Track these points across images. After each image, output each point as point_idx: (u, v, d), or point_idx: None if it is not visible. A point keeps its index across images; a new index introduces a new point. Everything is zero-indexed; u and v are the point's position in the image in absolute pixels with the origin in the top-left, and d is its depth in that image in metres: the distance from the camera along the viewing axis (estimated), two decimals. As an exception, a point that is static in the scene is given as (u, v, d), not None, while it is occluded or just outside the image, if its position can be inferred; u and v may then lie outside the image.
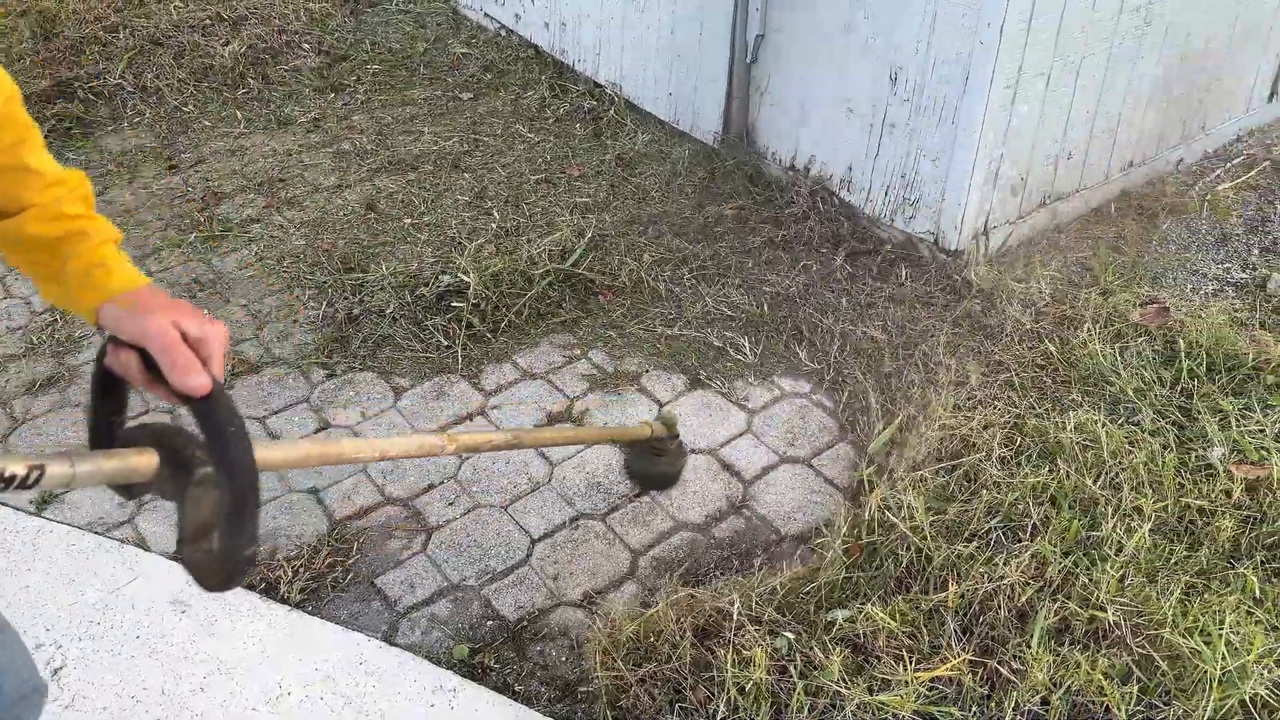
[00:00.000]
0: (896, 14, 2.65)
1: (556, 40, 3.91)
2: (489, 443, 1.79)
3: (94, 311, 0.99)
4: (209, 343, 0.97)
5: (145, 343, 0.95)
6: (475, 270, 2.77)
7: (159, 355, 0.95)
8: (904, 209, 2.87)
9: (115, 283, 1.00)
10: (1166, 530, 2.09)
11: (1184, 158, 3.42)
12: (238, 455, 0.97)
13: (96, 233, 1.03)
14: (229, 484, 0.98)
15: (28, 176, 0.98)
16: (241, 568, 1.01)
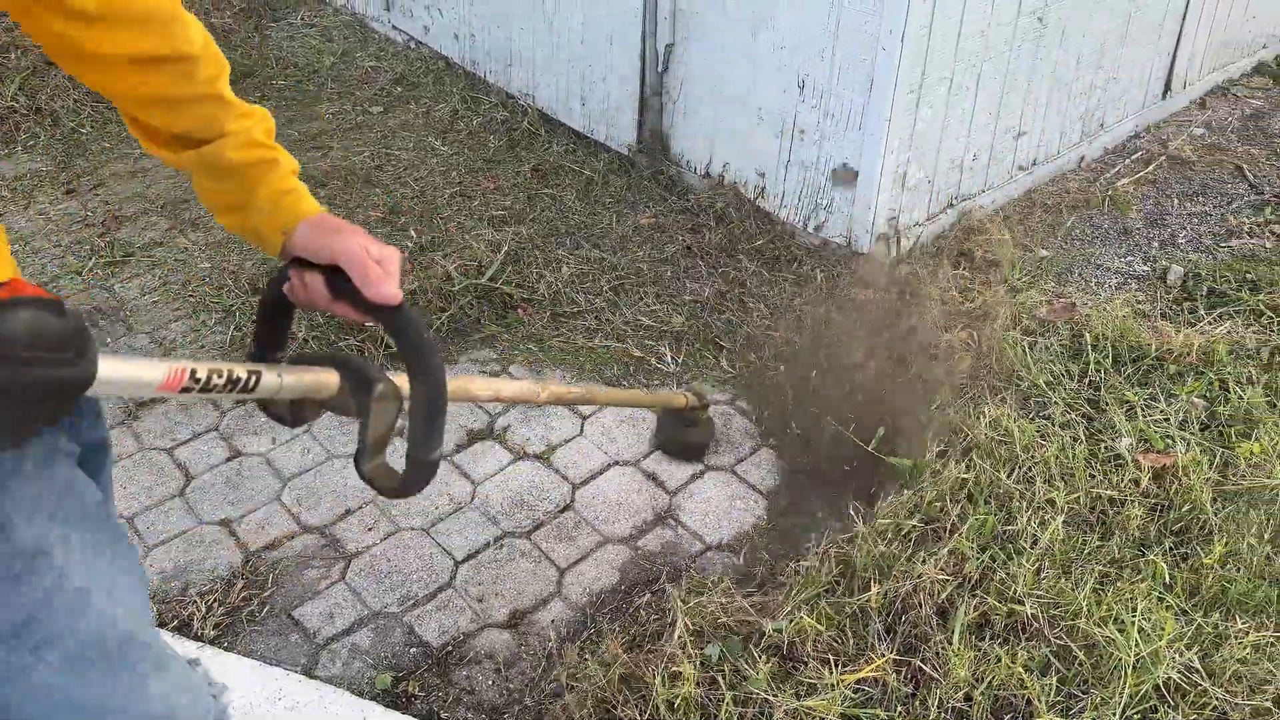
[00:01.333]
0: (802, 21, 2.68)
1: (467, 52, 3.88)
2: (569, 395, 1.87)
3: (286, 233, 1.06)
4: (390, 261, 1.03)
5: (339, 259, 1.01)
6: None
7: (354, 269, 1.01)
8: (816, 213, 2.90)
9: (304, 207, 1.07)
10: (1079, 521, 2.14)
11: (1085, 155, 3.52)
12: (433, 359, 1.05)
13: (285, 162, 1.09)
14: (425, 386, 1.06)
15: (225, 106, 1.04)
16: (433, 469, 1.09)
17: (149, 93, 1.00)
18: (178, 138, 1.06)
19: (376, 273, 1.01)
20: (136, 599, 0.98)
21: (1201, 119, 3.87)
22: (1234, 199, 3.43)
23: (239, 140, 1.06)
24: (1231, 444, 2.34)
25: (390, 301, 1.02)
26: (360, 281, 1.01)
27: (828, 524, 2.23)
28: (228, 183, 1.08)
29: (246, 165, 1.06)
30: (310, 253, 1.05)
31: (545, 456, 2.41)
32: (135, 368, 0.86)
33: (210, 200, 1.11)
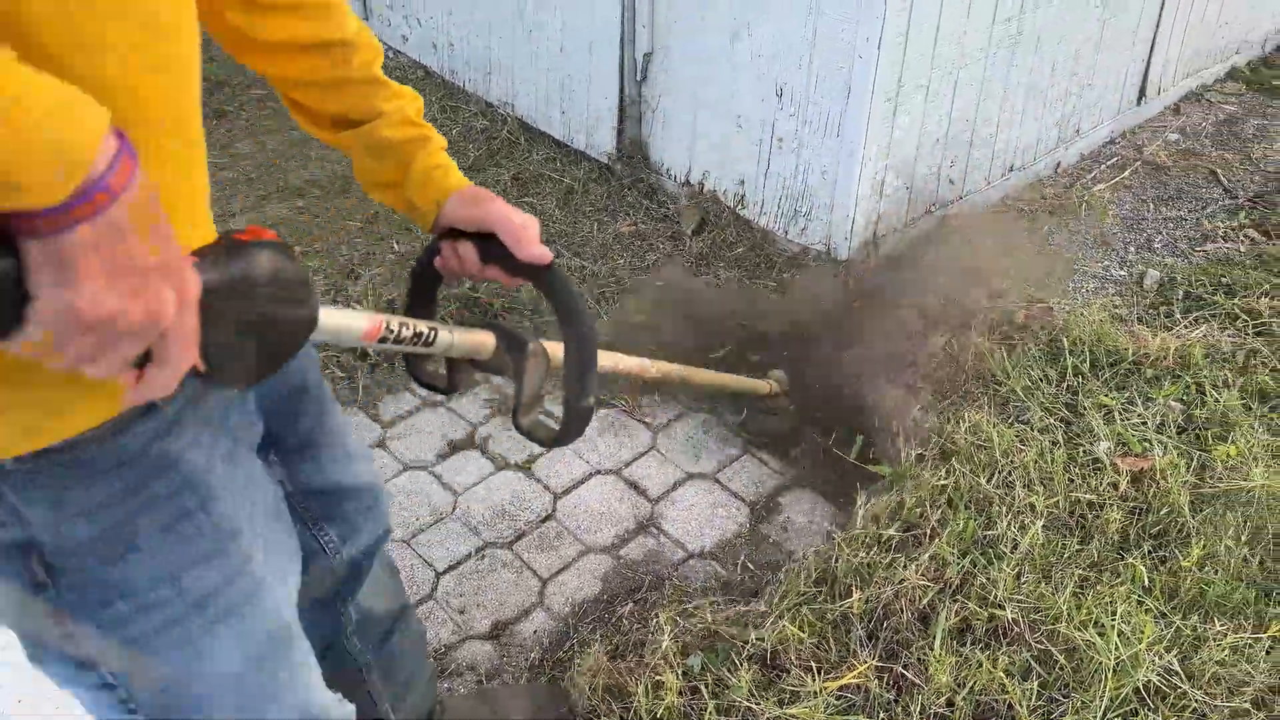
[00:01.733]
0: (780, 30, 2.69)
1: (446, 61, 3.87)
2: (672, 373, 1.94)
3: (437, 205, 1.13)
4: (534, 226, 1.10)
5: (490, 225, 1.09)
6: (369, 299, 2.71)
7: (507, 234, 1.08)
8: (796, 221, 2.91)
9: (454, 180, 1.14)
10: (1058, 525, 2.15)
11: (1061, 161, 3.55)
12: (584, 313, 1.14)
13: (435, 139, 1.16)
14: (578, 338, 1.14)
15: (379, 87, 1.11)
16: (588, 415, 1.18)
17: (310, 76, 1.08)
18: (336, 119, 1.12)
19: (528, 236, 1.08)
20: (294, 596, 1.05)
21: (1176, 124, 3.91)
22: (1209, 203, 3.46)
23: (393, 120, 1.12)
24: (1208, 447, 2.36)
25: (542, 261, 1.09)
26: (513, 245, 1.08)
27: (809, 530, 2.24)
28: (385, 160, 1.14)
29: (402, 143, 1.13)
30: (462, 222, 1.12)
31: (526, 466, 2.41)
32: (347, 317, 0.95)
33: (367, 178, 1.17)
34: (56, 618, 0.86)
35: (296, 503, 1.20)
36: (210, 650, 0.93)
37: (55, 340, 0.64)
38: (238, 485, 0.94)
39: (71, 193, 0.60)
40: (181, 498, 0.88)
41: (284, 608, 1.01)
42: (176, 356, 0.72)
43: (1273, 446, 2.37)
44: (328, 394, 1.21)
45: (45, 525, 0.82)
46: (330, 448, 1.22)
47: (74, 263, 0.62)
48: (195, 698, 0.95)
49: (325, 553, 1.27)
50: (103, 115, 0.62)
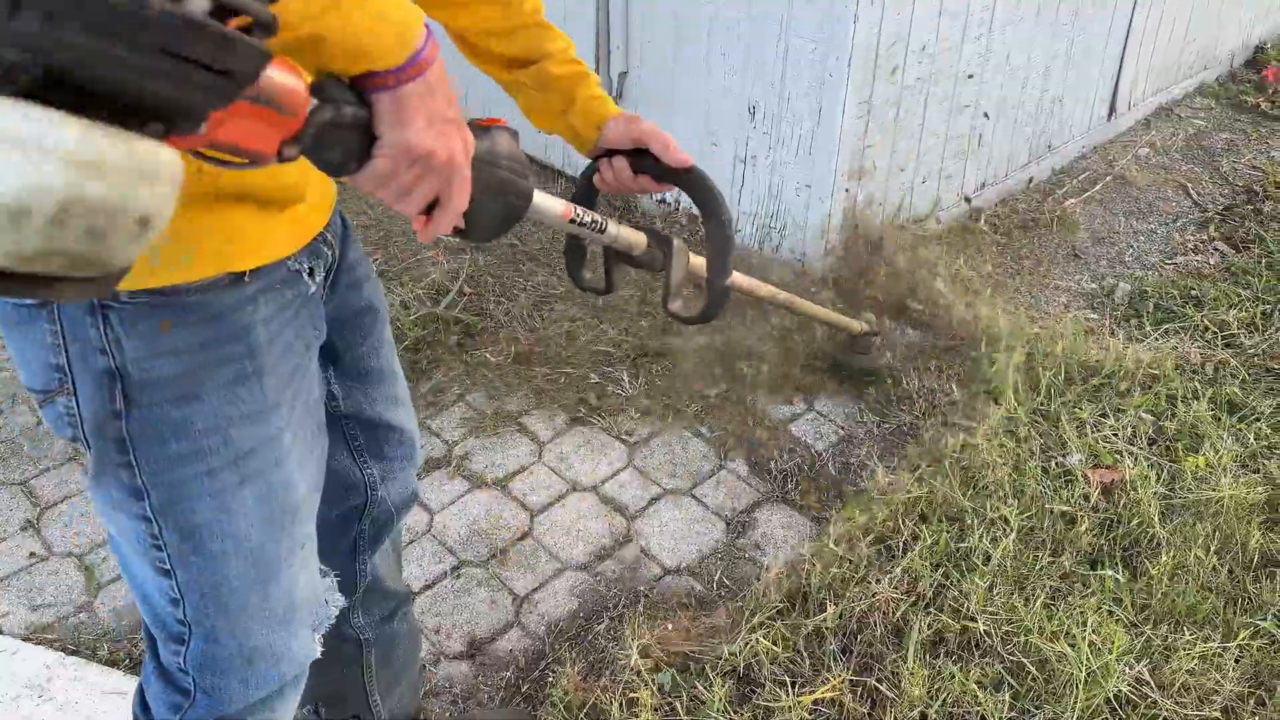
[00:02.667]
0: (751, 49, 2.72)
1: (423, 81, 3.89)
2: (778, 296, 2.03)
3: (599, 129, 1.30)
4: (673, 140, 1.28)
5: (644, 140, 1.28)
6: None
7: (656, 144, 1.27)
8: (770, 237, 2.94)
9: (611, 108, 1.31)
10: (1031, 537, 2.17)
11: (1033, 176, 3.59)
12: (724, 205, 1.31)
13: (591, 75, 1.32)
14: (718, 226, 1.32)
15: (545, 30, 1.28)
16: (727, 293, 1.35)
17: (487, 25, 1.26)
18: (511, 60, 1.29)
19: (674, 145, 1.27)
20: (315, 486, 1.16)
21: (1146, 139, 3.96)
22: (1179, 217, 3.51)
23: (558, 59, 1.29)
24: (1178, 458, 2.39)
25: (685, 164, 1.28)
26: (661, 153, 1.27)
27: (784, 545, 2.25)
28: (552, 94, 1.30)
29: (567, 77, 1.29)
30: (621, 141, 1.29)
31: (503, 484, 2.41)
32: (549, 200, 1.17)
33: (535, 107, 1.32)
34: (121, 445, 1.00)
35: (347, 428, 1.33)
36: (235, 506, 1.05)
37: (390, 169, 0.87)
38: (287, 369, 1.07)
39: (405, 59, 0.84)
40: (244, 362, 1.02)
41: (299, 487, 1.11)
42: (458, 200, 0.93)
43: (1242, 457, 2.40)
44: (387, 335, 1.34)
45: (136, 358, 0.96)
46: (382, 384, 1.34)
47: (407, 109, 0.86)
48: (212, 553, 1.06)
49: (365, 486, 1.38)
50: (418, 7, 0.85)
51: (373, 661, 1.56)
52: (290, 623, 1.16)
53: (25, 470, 2.41)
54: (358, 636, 1.53)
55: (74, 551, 2.21)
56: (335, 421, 1.31)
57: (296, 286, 1.09)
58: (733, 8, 2.71)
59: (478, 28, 1.27)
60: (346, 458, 1.35)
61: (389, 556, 1.53)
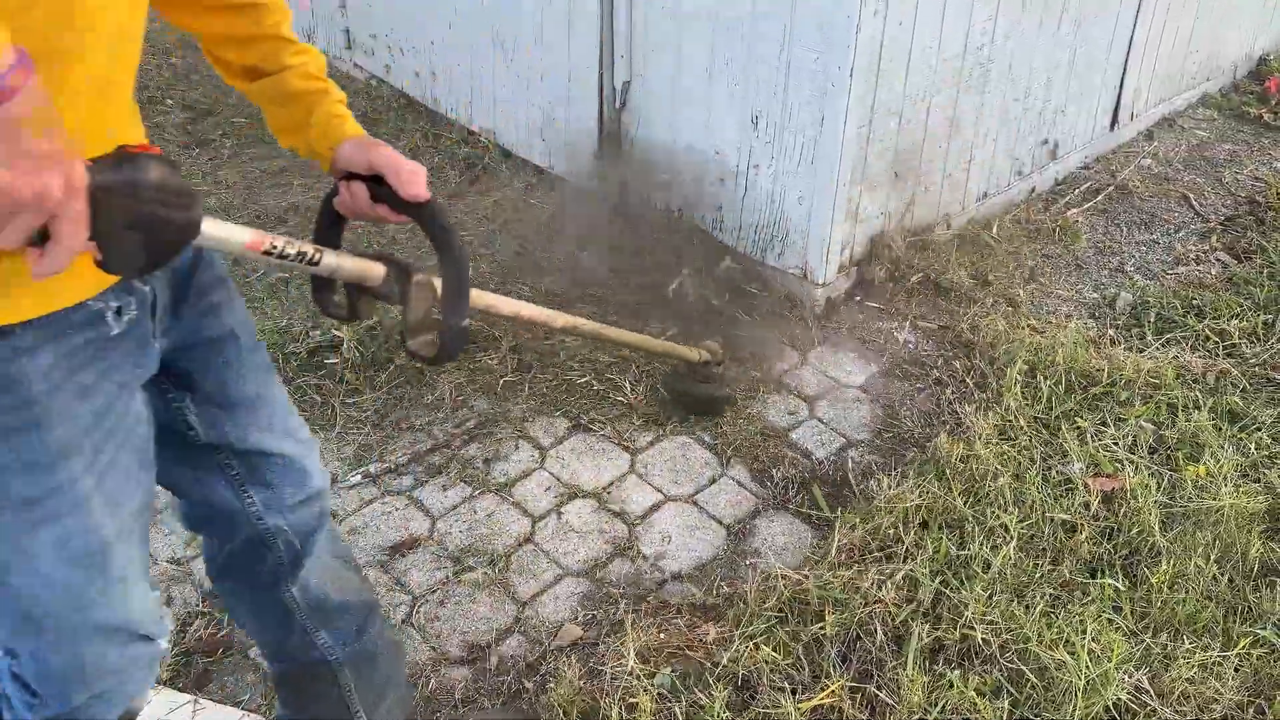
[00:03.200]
0: (753, 59, 2.74)
1: (428, 90, 3.91)
2: (583, 327, 2.02)
3: (333, 150, 1.26)
4: (419, 171, 1.23)
5: (379, 166, 1.22)
6: (350, 326, 2.72)
7: (391, 173, 1.22)
8: (773, 246, 2.95)
9: (349, 129, 1.27)
10: (1031, 545, 2.17)
11: (1036, 186, 3.60)
12: (456, 241, 1.28)
13: (334, 92, 1.31)
14: (453, 265, 1.28)
15: (285, 44, 1.28)
16: (465, 335, 1.30)
17: (228, 32, 1.26)
18: (249, 70, 1.29)
19: (409, 175, 1.22)
20: (133, 521, 1.17)
21: (1149, 150, 3.97)
22: (1181, 227, 3.51)
23: (298, 73, 1.29)
24: (1179, 467, 2.39)
25: (419, 199, 1.23)
26: (396, 184, 1.22)
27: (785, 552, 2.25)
28: (291, 108, 1.29)
29: (305, 93, 1.29)
30: (354, 165, 1.25)
31: (505, 490, 2.42)
32: (230, 229, 1.09)
33: (276, 123, 1.32)
34: None
35: (221, 459, 1.34)
36: (32, 549, 1.08)
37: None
38: (86, 413, 1.07)
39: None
40: (19, 413, 1.02)
41: (106, 527, 1.12)
42: (69, 235, 0.86)
43: (1242, 467, 2.40)
44: (261, 362, 1.35)
45: None
46: (255, 411, 1.34)
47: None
48: (16, 587, 1.09)
49: (249, 517, 1.38)
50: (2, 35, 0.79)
51: (349, 679, 1.56)
52: (120, 635, 1.19)
53: (30, 474, 2.43)
54: (325, 658, 1.53)
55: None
56: (207, 452, 1.31)
57: (98, 328, 1.08)
58: (735, 17, 2.72)
59: (215, 34, 1.27)
60: (225, 489, 1.35)
61: (332, 572, 1.51)
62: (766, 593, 2.06)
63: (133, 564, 1.19)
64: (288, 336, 2.79)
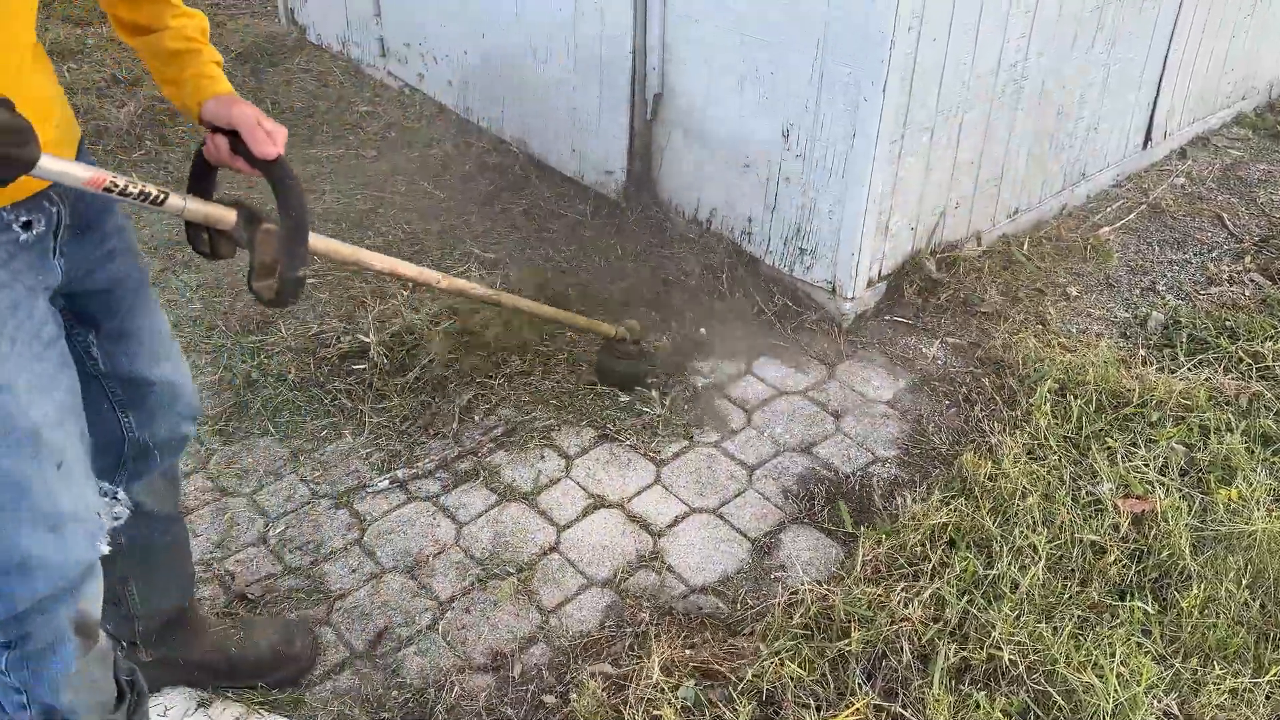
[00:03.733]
0: (786, 72, 2.74)
1: (460, 99, 3.94)
2: (474, 291, 2.09)
3: (200, 105, 1.43)
4: (278, 134, 1.40)
5: (236, 123, 1.39)
6: (376, 330, 2.74)
7: (245, 129, 1.38)
8: (802, 259, 2.95)
9: (217, 88, 1.44)
10: (1059, 566, 2.15)
11: (1067, 203, 3.58)
12: (297, 197, 1.41)
13: (207, 54, 1.47)
14: (290, 216, 1.41)
15: (170, 6, 1.45)
16: (299, 283, 1.44)
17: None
18: (136, 26, 1.46)
19: (261, 135, 1.38)
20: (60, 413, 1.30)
21: (1182, 169, 3.94)
22: (1214, 247, 3.48)
23: (177, 34, 1.45)
24: (1210, 490, 2.36)
25: (267, 157, 1.39)
26: (248, 140, 1.38)
27: (810, 567, 2.25)
28: (170, 64, 1.46)
29: (180, 53, 1.45)
30: (216, 119, 1.42)
31: (530, 498, 2.42)
32: (70, 165, 1.23)
33: (158, 76, 1.49)
34: None
35: (107, 385, 1.52)
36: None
37: None
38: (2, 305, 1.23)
39: None
40: None
41: (34, 410, 1.26)
42: None
43: (1275, 490, 2.37)
44: (148, 299, 1.54)
45: None
46: (141, 343, 1.53)
47: None
48: None
49: (123, 432, 1.57)
50: None
51: (126, 563, 1.69)
52: (59, 531, 1.30)
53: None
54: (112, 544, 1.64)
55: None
56: (96, 380, 1.50)
57: (6, 234, 1.25)
58: (768, 31, 2.73)
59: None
60: (108, 411, 1.54)
61: (157, 487, 1.70)
62: (792, 608, 2.06)
63: (68, 456, 1.32)
64: (318, 341, 2.81)
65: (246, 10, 5.14)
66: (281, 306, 1.53)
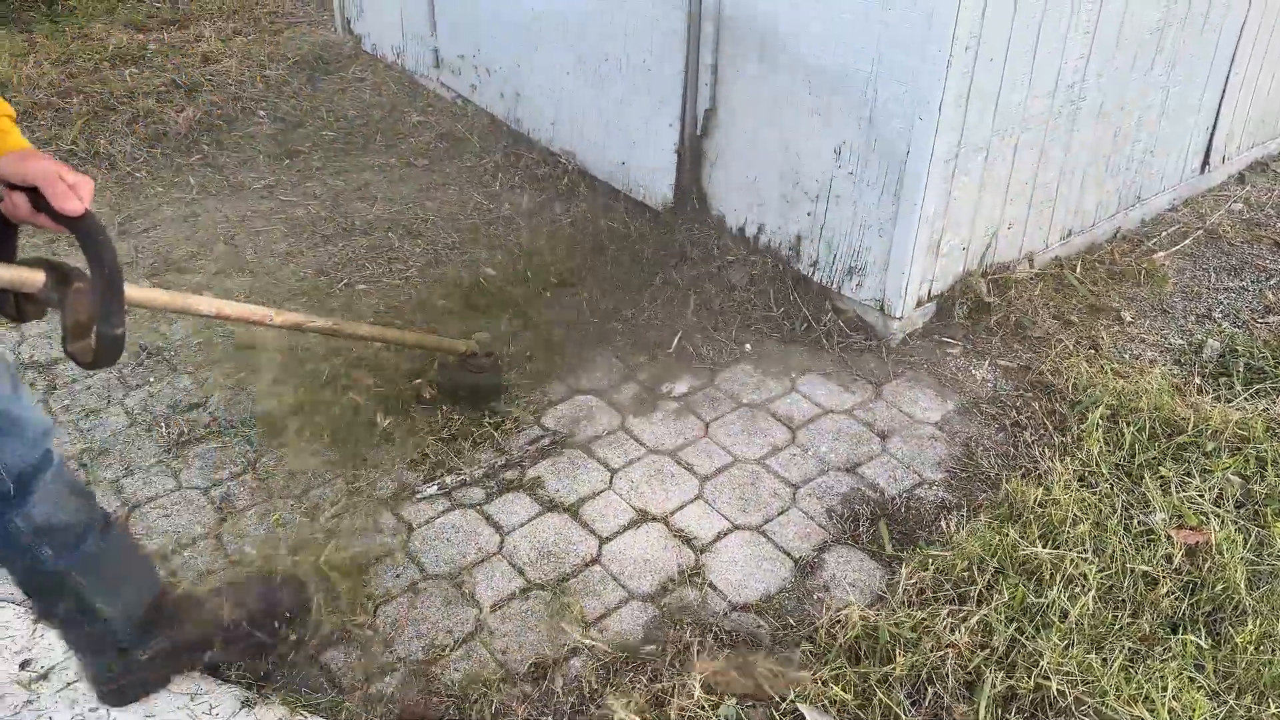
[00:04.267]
0: (839, 89, 2.73)
1: (512, 110, 3.97)
2: (311, 324, 2.07)
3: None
4: (81, 186, 1.38)
5: (33, 179, 1.36)
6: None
7: (44, 186, 1.36)
8: (850, 276, 2.93)
9: (10, 143, 1.40)
10: (1110, 596, 2.11)
11: (1121, 227, 3.53)
12: (107, 253, 1.39)
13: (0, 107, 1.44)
14: (101, 274, 1.39)
15: None
16: (118, 342, 1.42)
17: None
18: None
19: (63, 190, 1.36)
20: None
21: (1240, 194, 3.87)
22: (1272, 275, 3.41)
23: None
24: (1267, 524, 2.31)
25: (72, 214, 1.37)
26: (49, 197, 1.36)
27: (855, 588, 2.22)
28: None
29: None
30: (12, 177, 1.39)
31: (573, 509, 2.43)
32: None
33: None
34: None
35: None
36: None
37: None
38: None
39: None
40: None
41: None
42: None
43: (1335, 526, 2.31)
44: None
45: None
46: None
47: None
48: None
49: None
50: None
51: (80, 579, 1.74)
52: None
53: (115, 470, 2.50)
54: (50, 568, 1.71)
55: (156, 549, 2.27)
56: None
57: None
58: (822, 49, 2.72)
59: None
60: None
61: (53, 497, 1.69)
62: (835, 629, 2.04)
63: None
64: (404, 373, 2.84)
65: (304, 19, 5.23)
66: (100, 368, 1.49)
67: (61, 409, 2.68)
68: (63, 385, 2.76)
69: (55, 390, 2.74)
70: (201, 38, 4.89)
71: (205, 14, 5.24)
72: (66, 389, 2.75)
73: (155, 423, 2.64)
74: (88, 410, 2.68)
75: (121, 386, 2.77)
